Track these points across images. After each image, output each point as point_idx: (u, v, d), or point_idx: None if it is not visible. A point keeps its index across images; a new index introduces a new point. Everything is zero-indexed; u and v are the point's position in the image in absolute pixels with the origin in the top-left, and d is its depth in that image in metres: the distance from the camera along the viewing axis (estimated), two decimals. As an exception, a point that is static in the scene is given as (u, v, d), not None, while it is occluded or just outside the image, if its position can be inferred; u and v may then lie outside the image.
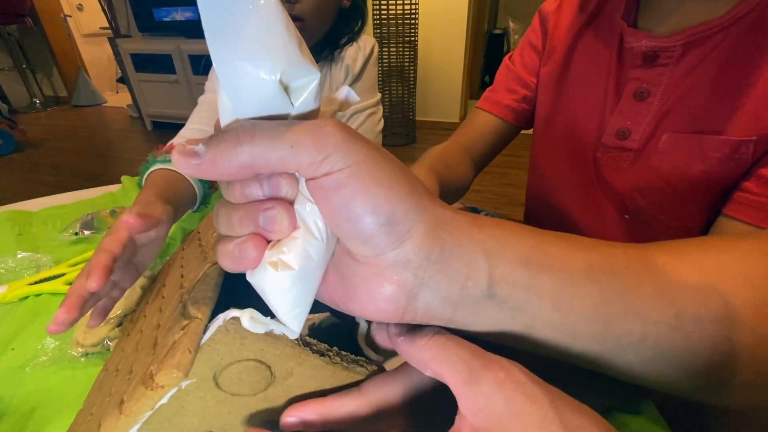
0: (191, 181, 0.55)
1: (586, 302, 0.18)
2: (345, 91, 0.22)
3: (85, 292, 0.33)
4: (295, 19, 0.66)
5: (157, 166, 0.54)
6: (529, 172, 0.64)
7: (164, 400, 0.19)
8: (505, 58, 0.63)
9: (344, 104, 0.21)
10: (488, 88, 0.65)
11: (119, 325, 0.44)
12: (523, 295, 0.18)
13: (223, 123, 0.17)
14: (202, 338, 0.19)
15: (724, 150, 0.41)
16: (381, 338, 0.21)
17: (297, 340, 0.21)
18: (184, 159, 0.16)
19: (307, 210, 0.17)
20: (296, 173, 0.17)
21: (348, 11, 0.75)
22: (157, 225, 0.40)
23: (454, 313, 0.18)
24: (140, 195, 0.47)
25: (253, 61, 0.15)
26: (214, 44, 0.15)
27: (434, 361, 0.18)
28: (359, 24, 0.78)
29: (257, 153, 0.16)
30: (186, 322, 0.19)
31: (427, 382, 0.22)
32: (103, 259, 0.34)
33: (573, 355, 0.19)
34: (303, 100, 0.16)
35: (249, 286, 0.18)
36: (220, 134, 0.16)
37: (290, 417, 0.21)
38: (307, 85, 0.16)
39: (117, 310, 0.44)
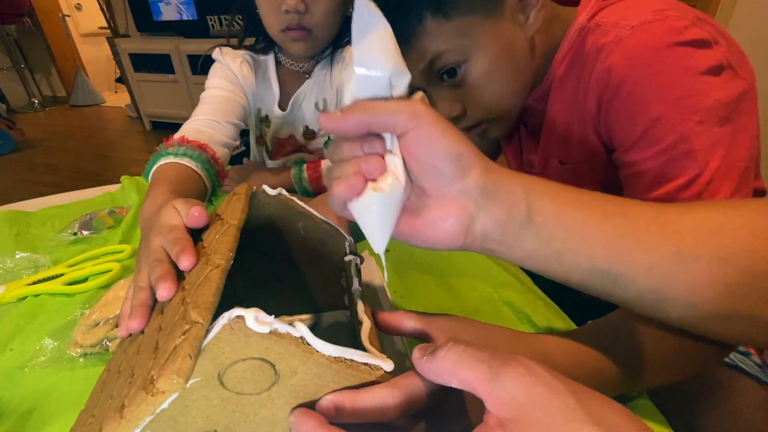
0: (202, 176, 0.53)
1: (603, 234, 0.24)
2: (419, 96, 0.34)
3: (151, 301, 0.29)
4: (303, 29, 0.66)
5: (169, 159, 0.51)
6: None
7: (165, 405, 0.19)
8: None
9: (423, 97, 0.32)
10: None
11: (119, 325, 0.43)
12: (553, 223, 0.24)
13: (348, 101, 0.25)
14: (203, 342, 0.19)
15: (567, 174, 0.52)
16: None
17: (301, 338, 0.21)
18: (328, 118, 0.25)
19: (394, 161, 0.25)
20: (386, 136, 0.25)
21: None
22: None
23: (503, 235, 0.25)
24: (153, 189, 0.45)
25: (375, 65, 0.24)
26: (358, 53, 0.24)
27: (457, 365, 0.19)
28: None
29: (375, 115, 0.24)
30: (187, 326, 0.19)
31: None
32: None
33: (594, 277, 0.25)
34: (399, 91, 0.25)
35: (250, 289, 0.18)
36: (351, 105, 0.25)
37: (324, 401, 0.22)
38: (403, 81, 0.25)
39: (116, 310, 0.44)
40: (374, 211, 0.25)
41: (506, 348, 0.29)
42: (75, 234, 0.65)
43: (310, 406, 0.23)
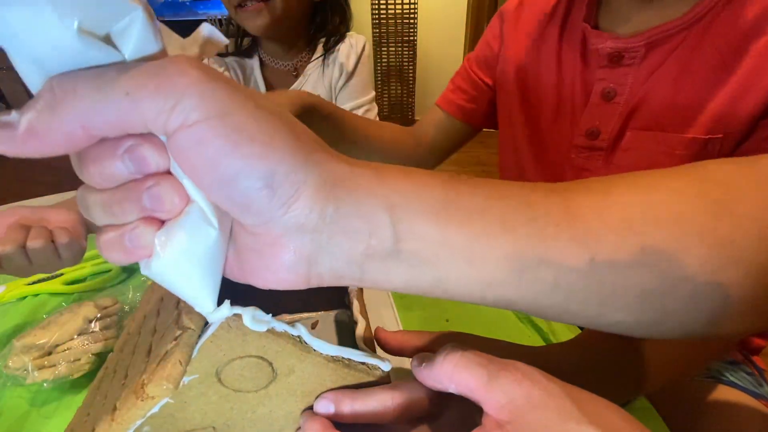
0: None
1: (499, 253, 0.17)
2: (207, 30, 0.17)
3: None
4: (259, 0, 0.67)
5: None
6: (499, 169, 0.66)
7: (155, 409, 0.19)
8: (465, 58, 0.64)
9: (208, 44, 0.17)
10: (447, 87, 0.65)
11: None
12: (432, 249, 0.17)
13: (35, 90, 0.13)
14: (199, 343, 0.19)
15: (693, 148, 0.41)
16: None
17: (299, 338, 0.21)
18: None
19: (187, 184, 0.15)
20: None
21: (324, 5, 0.76)
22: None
23: (362, 273, 0.17)
24: None
25: (35, 4, 0.11)
26: None
27: (455, 370, 0.19)
28: (340, 17, 0.78)
29: (85, 109, 0.12)
30: (179, 332, 0.19)
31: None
32: None
33: (488, 301, 0.19)
34: (134, 44, 0.12)
35: (249, 288, 0.17)
36: (35, 96, 0.13)
37: (323, 399, 0.22)
38: (131, 24, 0.12)
39: (53, 337, 0.40)
40: (179, 272, 0.16)
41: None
42: (75, 234, 0.65)
43: (309, 404, 0.23)
